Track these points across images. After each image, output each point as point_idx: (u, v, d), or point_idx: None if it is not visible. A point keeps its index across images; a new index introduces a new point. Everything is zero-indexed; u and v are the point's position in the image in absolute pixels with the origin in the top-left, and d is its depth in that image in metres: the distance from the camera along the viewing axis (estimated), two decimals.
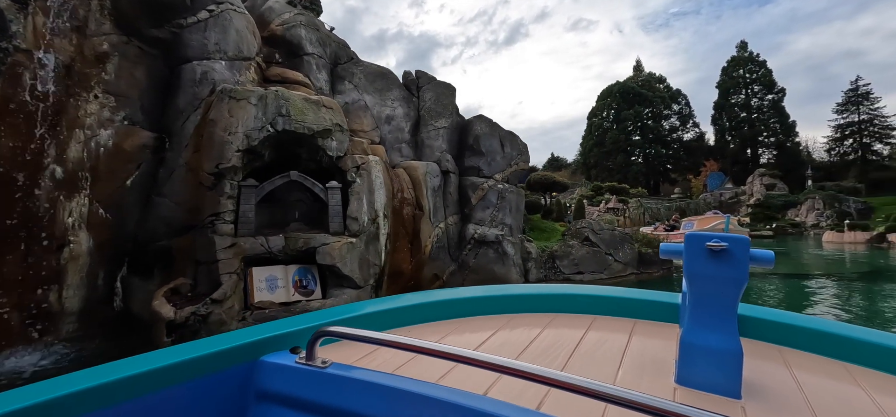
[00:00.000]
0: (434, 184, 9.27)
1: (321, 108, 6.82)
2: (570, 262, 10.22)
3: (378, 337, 0.97)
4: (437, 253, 9.27)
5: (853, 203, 33.84)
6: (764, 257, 1.06)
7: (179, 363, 1.04)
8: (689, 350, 1.10)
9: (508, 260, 9.73)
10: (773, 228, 32.85)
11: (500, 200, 10.11)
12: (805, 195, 37.04)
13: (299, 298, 6.42)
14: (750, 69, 54.78)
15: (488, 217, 9.99)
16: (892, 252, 19.61)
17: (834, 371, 1.21)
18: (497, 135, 10.66)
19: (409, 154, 9.71)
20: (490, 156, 10.42)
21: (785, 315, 1.45)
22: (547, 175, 15.69)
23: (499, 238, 9.69)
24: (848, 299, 10.29)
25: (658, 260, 12.28)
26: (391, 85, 9.96)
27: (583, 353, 1.32)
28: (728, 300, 1.07)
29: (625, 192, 26.99)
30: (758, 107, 53.58)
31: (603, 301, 1.71)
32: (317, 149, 6.95)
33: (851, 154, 48.50)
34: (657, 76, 63.82)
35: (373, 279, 6.90)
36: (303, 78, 7.88)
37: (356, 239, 6.64)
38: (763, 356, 1.30)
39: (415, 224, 8.67)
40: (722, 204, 43.52)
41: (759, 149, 53.30)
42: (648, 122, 57.30)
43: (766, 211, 37.09)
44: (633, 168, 55.59)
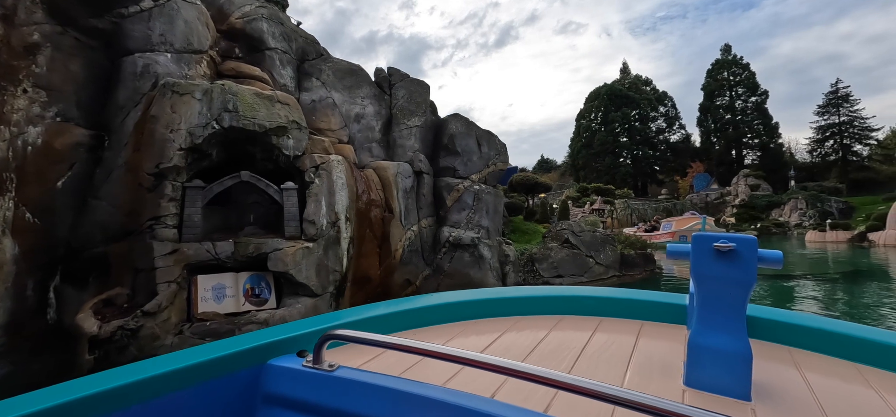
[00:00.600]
0: (406, 185, 8.85)
1: (275, 104, 6.36)
2: (549, 265, 9.86)
3: (384, 341, 0.97)
4: (410, 257, 8.83)
5: (835, 203, 34.31)
6: (772, 257, 1.05)
7: (189, 367, 1.04)
8: (698, 352, 1.08)
9: (485, 264, 9.33)
10: (758, 228, 33.11)
11: (476, 202, 9.72)
12: (788, 195, 37.49)
13: (250, 308, 5.93)
14: (734, 72, 55.56)
15: (464, 219, 9.59)
16: (872, 251, 19.74)
17: (845, 373, 1.18)
18: (473, 135, 10.29)
19: (379, 154, 9.28)
20: (466, 156, 10.04)
21: (795, 315, 1.43)
22: (529, 176, 15.35)
23: (475, 241, 9.29)
24: (832, 298, 10.13)
25: (640, 262, 12.02)
26: (361, 82, 9.53)
27: (590, 355, 1.31)
28: (736, 301, 1.05)
29: (610, 193, 26.87)
30: (742, 109, 54.32)
31: (609, 302, 1.69)
32: (272, 148, 6.48)
33: (832, 155, 49.39)
34: (643, 79, 64.44)
35: (332, 286, 6.43)
36: (260, 73, 7.41)
37: (313, 243, 6.18)
38: (773, 357, 1.28)
39: (384, 227, 8.22)
40: (708, 204, 43.87)
41: (744, 150, 54.00)
42: (636, 124, 57.71)
43: (751, 211, 37.43)
44: (621, 169, 55.86)
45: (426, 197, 9.46)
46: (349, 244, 6.85)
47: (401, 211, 8.57)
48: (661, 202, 43.22)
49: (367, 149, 9.19)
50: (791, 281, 12.02)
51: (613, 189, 29.01)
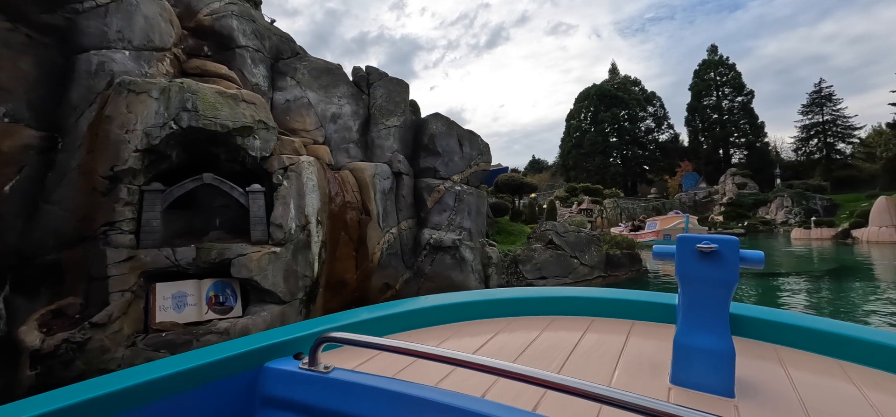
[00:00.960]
0: (384, 187, 8.61)
1: (240, 103, 6.09)
2: (532, 267, 9.69)
3: (379, 342, 0.98)
4: (389, 260, 8.58)
5: (819, 200, 34.78)
6: (754, 257, 1.08)
7: (186, 370, 1.04)
8: (683, 351, 1.11)
9: (467, 266, 9.12)
10: (745, 226, 33.42)
11: (457, 203, 9.52)
12: (774, 193, 37.94)
13: (214, 317, 5.63)
14: (720, 72, 56.24)
15: (445, 220, 9.38)
16: (856, 247, 19.95)
17: (827, 369, 1.21)
18: (455, 135, 10.09)
19: (357, 154, 9.03)
20: (447, 156, 9.83)
21: (780, 313, 1.45)
22: (515, 176, 15.18)
23: (456, 243, 9.08)
24: (817, 295, 10.11)
25: (626, 262, 11.91)
26: (338, 81, 9.27)
27: (580, 355, 1.33)
28: (719, 300, 1.08)
29: (598, 193, 26.85)
30: (728, 108, 54.99)
31: (601, 303, 1.71)
32: (237, 149, 6.20)
33: (817, 153, 50.19)
34: (632, 79, 64.97)
35: (302, 292, 6.16)
36: (227, 71, 7.12)
37: (281, 248, 5.91)
38: (758, 355, 1.31)
39: (361, 230, 7.97)
40: (696, 203, 44.25)
41: (731, 149, 54.66)
42: (625, 124, 58.10)
43: (739, 209, 37.80)
44: (611, 169, 56.17)
45: (406, 198, 9.23)
46: (321, 248, 6.59)
47: (379, 214, 8.33)
48: (650, 201, 43.47)
49: (344, 149, 8.94)
50: (778, 279, 12.00)
51: (601, 188, 29.02)
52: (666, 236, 21.57)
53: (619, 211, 38.35)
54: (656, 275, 13.34)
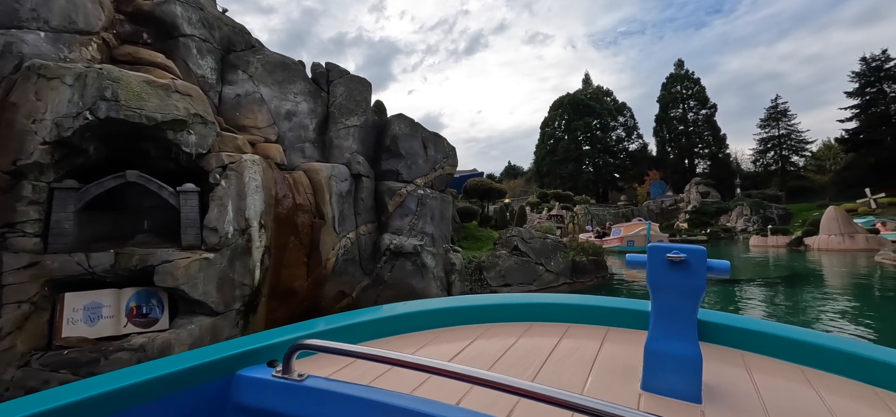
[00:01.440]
0: (341, 189, 8.17)
1: (172, 95, 5.54)
2: (496, 273, 9.45)
3: (354, 350, 0.97)
4: (345, 266, 8.13)
5: (775, 209, 36.61)
6: (720, 267, 1.12)
7: (156, 379, 1.02)
8: (653, 358, 1.14)
9: (428, 273, 8.78)
10: (708, 233, 34.70)
11: (420, 207, 9.18)
12: (735, 202, 39.67)
13: (134, 330, 5.04)
14: (686, 86, 58.66)
15: (407, 225, 9.02)
16: (808, 254, 20.97)
17: (789, 374, 1.26)
18: (419, 136, 9.77)
19: (313, 155, 8.55)
20: (410, 158, 9.49)
21: (746, 320, 1.49)
22: (484, 181, 14.99)
23: (418, 248, 8.73)
24: (774, 301, 10.38)
25: (592, 269, 11.90)
26: (295, 77, 8.78)
27: (556, 361, 1.35)
28: (687, 308, 1.12)
29: (569, 199, 27.17)
30: (693, 120, 57.37)
31: (577, 309, 1.73)
32: (169, 145, 5.64)
33: (773, 165, 53.06)
34: (604, 89, 66.84)
35: (239, 303, 5.65)
36: (163, 60, 6.53)
37: (215, 254, 5.39)
38: (725, 360, 1.34)
39: (314, 234, 7.50)
40: (663, 211, 45.73)
41: (696, 159, 56.97)
42: (597, 133, 59.60)
43: (702, 217, 39.28)
44: (583, 176, 57.38)
45: (365, 201, 8.81)
46: (263, 254, 6.09)
47: (334, 217, 7.88)
48: (619, 208, 44.60)
49: (299, 149, 8.45)
50: (738, 285, 12.29)
51: (571, 195, 29.40)
52: (629, 241, 22.47)
53: (590, 217, 39.10)
54: (621, 280, 13.43)
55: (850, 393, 1.15)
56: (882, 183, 36.12)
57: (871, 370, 1.21)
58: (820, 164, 51.49)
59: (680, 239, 34.43)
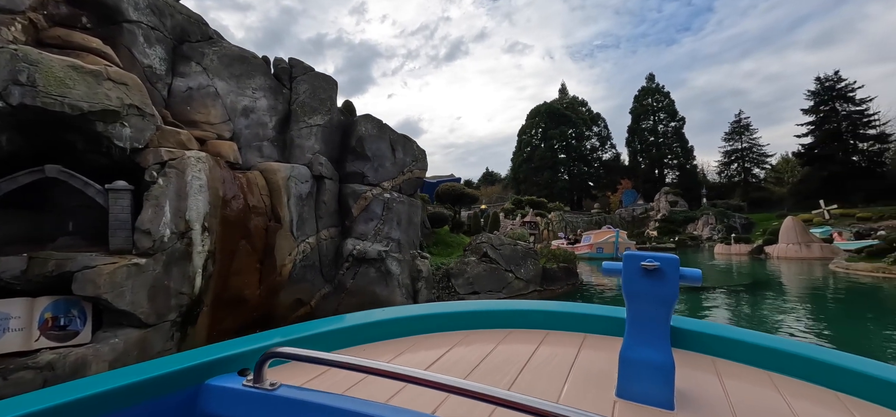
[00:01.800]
0: (301, 191, 7.73)
1: (104, 82, 5.02)
2: (464, 281, 9.20)
3: (328, 358, 0.94)
4: (304, 273, 7.68)
5: (738, 219, 38.20)
6: (692, 275, 1.14)
7: (118, 389, 0.97)
8: (627, 365, 1.15)
9: (393, 280, 8.43)
10: (676, 241, 35.79)
11: (386, 211, 8.83)
12: (701, 211, 41.16)
13: (48, 345, 4.47)
14: (657, 99, 60.77)
15: (372, 230, 8.65)
16: (768, 262, 21.84)
17: (758, 379, 1.29)
18: (387, 138, 9.44)
19: (272, 154, 8.07)
20: (377, 160, 9.14)
21: (717, 327, 1.52)
22: (456, 186, 14.75)
23: (382, 254, 8.37)
24: (737, 308, 10.59)
25: (562, 276, 11.84)
26: (254, 71, 8.30)
27: (533, 369, 1.35)
28: (661, 316, 1.14)
29: (543, 206, 27.38)
30: (663, 132, 59.42)
31: (555, 316, 1.73)
32: (99, 138, 5.10)
33: (736, 176, 55.54)
34: (580, 100, 68.31)
35: (176, 313, 5.14)
36: (100, 45, 5.96)
37: (146, 259, 4.87)
38: (697, 366, 1.36)
39: (268, 238, 7.03)
40: (634, 218, 46.94)
41: (665, 169, 58.94)
42: (572, 142, 60.77)
43: (671, 225, 40.54)
44: (558, 183, 58.30)
45: (328, 204, 8.39)
46: (207, 259, 5.59)
47: (292, 221, 7.42)
48: (593, 216, 45.46)
49: (256, 148, 7.95)
50: (704, 292, 12.52)
51: (545, 202, 29.68)
52: (598, 248, 23.37)
53: (564, 224, 39.62)
54: (591, 287, 13.45)
55: (814, 397, 1.18)
56: (834, 195, 38.37)
57: (833, 375, 1.25)
58: (779, 177, 54.35)
59: (650, 246, 35.34)
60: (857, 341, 7.63)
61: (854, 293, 12.08)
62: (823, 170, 44.45)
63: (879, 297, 11.31)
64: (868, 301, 11.02)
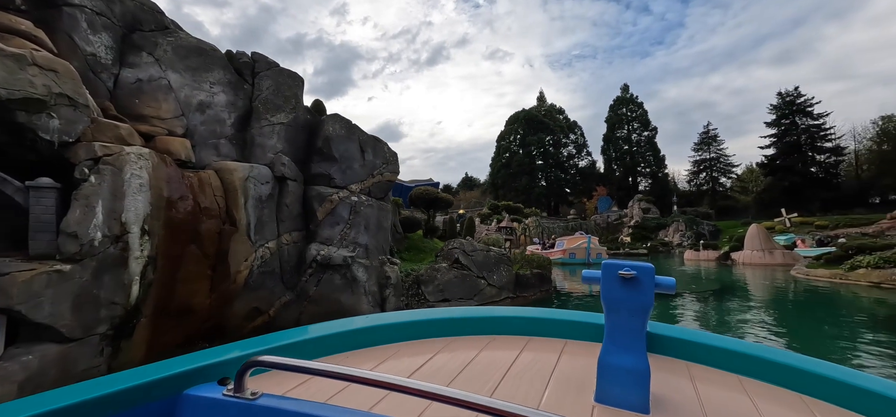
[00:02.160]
0: (261, 193, 7.28)
1: (27, 67, 4.50)
2: (434, 288, 8.93)
3: (310, 366, 0.94)
4: (262, 280, 7.22)
5: (706, 226, 39.56)
6: (666, 283, 1.18)
7: (93, 400, 0.96)
8: (605, 370, 1.19)
9: (359, 287, 8.07)
10: (648, 247, 36.69)
11: (353, 215, 8.47)
12: (672, 218, 42.43)
13: None
14: (631, 108, 62.64)
15: (338, 235, 8.27)
16: (734, 268, 22.58)
17: (729, 383, 1.35)
18: (356, 139, 9.10)
19: (230, 153, 7.59)
20: (345, 162, 8.78)
21: (690, 332, 1.58)
22: (429, 190, 14.47)
23: (348, 260, 8.00)
24: (705, 313, 10.75)
25: (535, 282, 11.74)
26: (212, 65, 7.80)
27: (515, 375, 1.37)
28: (637, 323, 1.18)
29: (519, 212, 27.49)
30: (637, 141, 61.26)
31: (536, 322, 1.76)
32: (22, 130, 4.57)
33: (705, 185, 57.80)
34: (557, 108, 69.60)
35: (107, 325, 4.64)
36: (30, 28, 5.39)
37: (72, 265, 4.37)
38: (672, 371, 1.41)
39: (221, 243, 6.56)
40: (609, 225, 47.95)
41: (638, 177, 60.71)
42: (550, 148, 61.76)
43: (643, 231, 41.58)
44: (536, 189, 59.05)
45: (291, 207, 7.96)
46: (146, 266, 5.11)
47: (249, 224, 6.97)
48: (569, 222, 46.15)
49: (213, 145, 7.46)
50: (675, 297, 12.68)
51: (522, 207, 29.84)
52: (571, 253, 24.22)
53: (541, 229, 40.00)
54: (562, 292, 13.43)
55: (780, 400, 1.24)
56: (794, 204, 40.37)
57: (798, 378, 1.30)
58: (744, 186, 56.87)
59: (624, 252, 36.10)
60: (816, 343, 7.82)
61: (813, 297, 12.53)
62: (784, 180, 46.78)
63: (836, 302, 11.76)
64: (826, 305, 11.43)
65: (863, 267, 13.38)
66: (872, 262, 13.14)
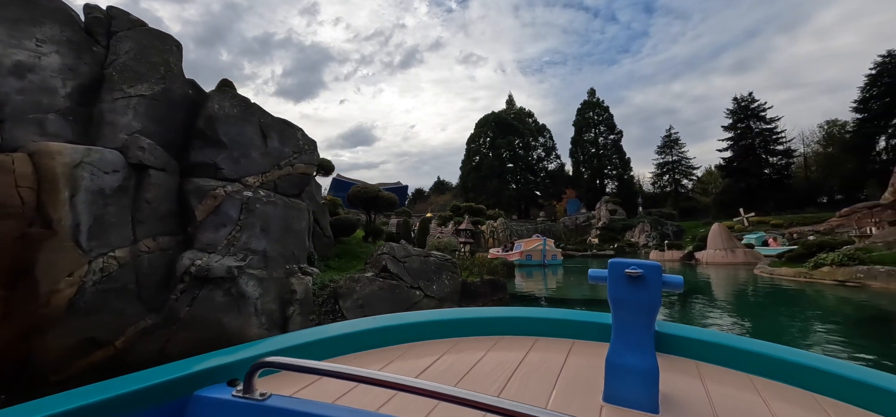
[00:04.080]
0: (103, 185, 5.46)
1: None
2: (353, 302, 7.30)
3: (319, 367, 0.94)
4: (104, 301, 5.38)
5: (670, 226, 39.88)
6: (674, 282, 1.17)
7: (103, 401, 0.96)
8: (613, 370, 1.18)
9: (248, 305, 6.33)
10: (615, 248, 36.46)
11: (246, 215, 6.75)
12: (637, 219, 42.63)
13: None
14: (597, 112, 63.39)
15: (223, 239, 6.51)
16: (697, 267, 22.19)
17: (739, 382, 1.33)
18: (255, 122, 7.38)
19: (62, 131, 5.72)
20: (238, 149, 7.05)
21: (700, 331, 1.56)
22: (368, 187, 12.68)
23: (233, 272, 6.25)
24: (672, 313, 9.80)
25: (486, 290, 10.33)
26: (42, 18, 5.91)
27: (522, 375, 1.37)
28: (645, 322, 1.16)
29: (481, 213, 26.31)
30: (603, 144, 61.97)
31: (544, 323, 1.77)
32: None
33: (668, 186, 59.06)
34: (527, 111, 69.59)
35: None
36: None
37: None
38: (682, 370, 1.40)
39: (25, 252, 4.70)
40: (578, 226, 47.79)
41: (605, 180, 61.34)
42: (519, 152, 61.45)
43: (611, 232, 41.50)
44: (506, 192, 58.47)
45: (156, 205, 6.15)
46: None
47: (77, 226, 5.14)
48: (538, 224, 45.57)
49: (36, 122, 5.57)
50: None
51: (484, 209, 28.70)
52: (527, 255, 24.84)
53: (509, 232, 39.06)
54: (518, 297, 12.15)
55: (793, 399, 1.23)
56: (751, 204, 41.48)
57: (811, 377, 1.29)
58: (704, 187, 58.55)
59: (591, 253, 35.67)
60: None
61: (781, 297, 11.84)
62: (741, 181, 48.25)
63: (801, 302, 11.07)
64: (795, 305, 10.69)
65: (827, 265, 12.85)
66: (837, 260, 12.62)
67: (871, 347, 6.74)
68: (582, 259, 32.55)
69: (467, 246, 17.88)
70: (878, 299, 10.37)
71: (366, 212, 12.90)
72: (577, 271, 21.26)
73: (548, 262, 24.91)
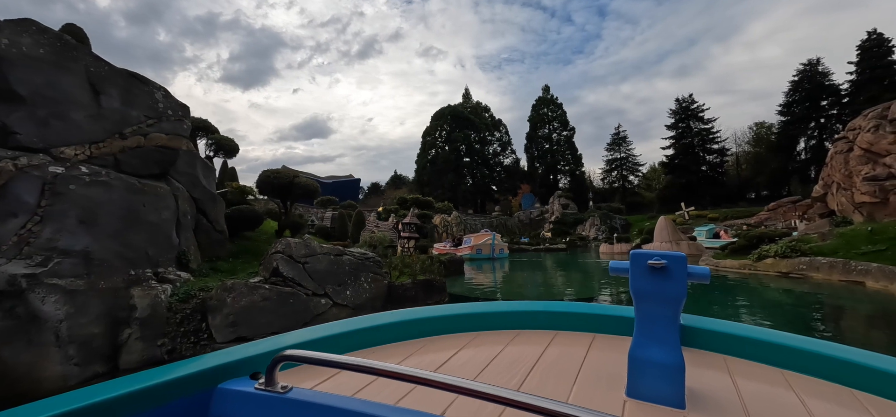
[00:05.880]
0: None
1: None
2: (223, 319, 5.47)
3: (338, 360, 0.95)
4: None
5: (619, 220, 40.83)
6: (700, 273, 1.13)
7: (131, 393, 0.99)
8: (636, 364, 1.14)
9: (46, 331, 4.34)
10: (567, 241, 36.58)
11: (52, 199, 4.71)
12: (588, 214, 43.33)
13: None
14: (551, 109, 64.16)
15: (11, 235, 4.45)
16: None
17: (771, 377, 1.28)
18: (80, 71, 5.29)
19: None
20: (47, 106, 4.97)
21: (728, 324, 1.51)
22: (282, 172, 10.74)
23: (19, 283, 4.23)
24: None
25: (418, 294, 8.84)
26: None
27: (542, 369, 1.36)
28: (669, 314, 1.12)
29: (429, 206, 24.88)
30: (557, 140, 62.86)
31: (564, 316, 1.76)
32: None
33: (617, 182, 61.13)
34: (483, 105, 68.98)
35: None
36: None
37: None
38: (708, 365, 1.36)
39: None
40: (532, 220, 47.87)
41: (559, 175, 62.32)
42: (476, 146, 60.71)
43: (563, 226, 41.78)
44: (462, 187, 57.50)
45: None
46: None
47: None
48: (493, 218, 45.04)
49: None
50: (596, 296, 10.76)
51: (432, 201, 27.34)
52: (477, 249, 25.22)
53: (464, 226, 38.03)
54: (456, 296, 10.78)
55: (829, 395, 1.16)
56: (690, 199, 43.55)
57: (849, 372, 1.23)
58: (649, 183, 61.30)
59: (544, 247, 35.53)
60: None
61: (727, 287, 11.45)
62: (682, 178, 50.74)
63: (746, 291, 10.69)
64: (741, 295, 10.25)
65: (770, 257, 12.74)
66: (779, 251, 12.52)
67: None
68: (530, 252, 32.34)
69: (411, 242, 16.31)
70: (819, 289, 10.15)
71: (281, 202, 10.91)
72: (521, 264, 22.50)
73: (496, 256, 25.78)
